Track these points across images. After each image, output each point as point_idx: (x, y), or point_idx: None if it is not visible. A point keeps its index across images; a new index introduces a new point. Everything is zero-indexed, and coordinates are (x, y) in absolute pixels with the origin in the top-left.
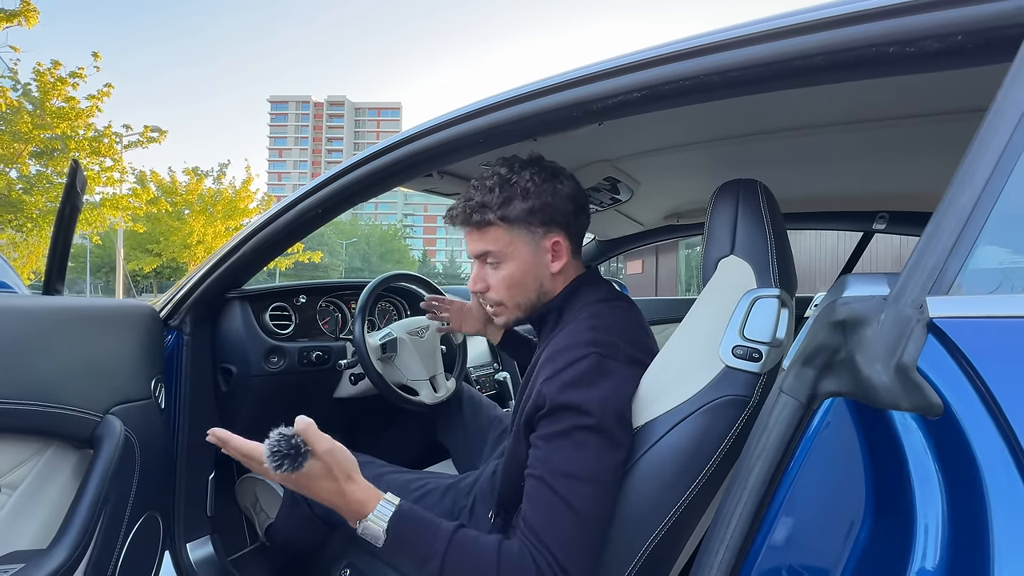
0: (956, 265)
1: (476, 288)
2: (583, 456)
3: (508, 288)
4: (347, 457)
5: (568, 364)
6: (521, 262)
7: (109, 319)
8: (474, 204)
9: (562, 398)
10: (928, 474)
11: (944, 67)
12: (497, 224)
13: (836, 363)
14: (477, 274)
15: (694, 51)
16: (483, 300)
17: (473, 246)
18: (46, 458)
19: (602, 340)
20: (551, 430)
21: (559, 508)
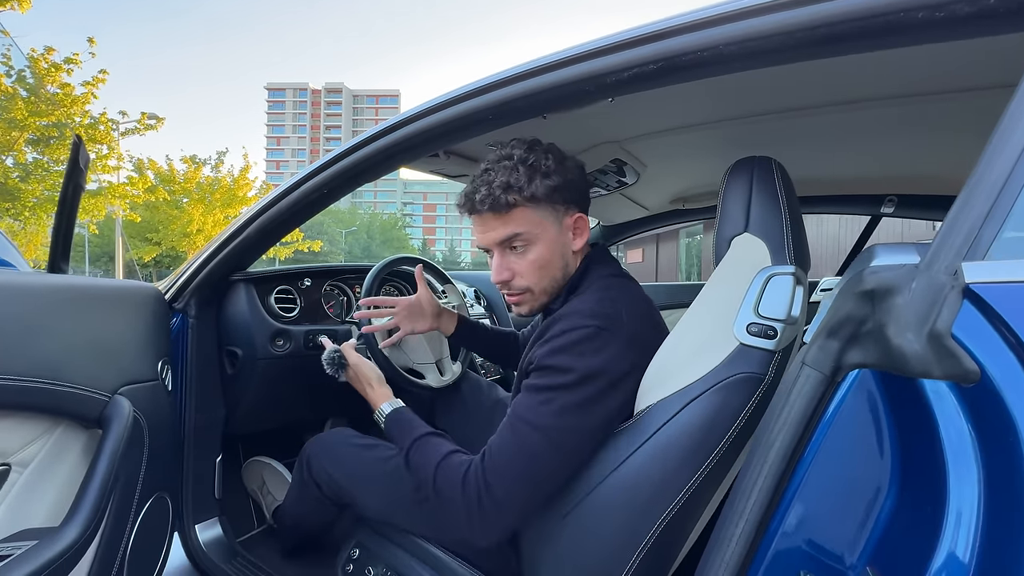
0: (992, 230)
1: (502, 278)
2: (546, 410)
3: (538, 271)
4: (370, 369)
5: (564, 331)
6: (548, 242)
7: (115, 299)
8: (500, 185)
9: (548, 360)
10: (963, 442)
11: (974, 33)
12: (524, 205)
13: (863, 334)
14: (500, 263)
15: (713, 20)
16: (508, 290)
17: (495, 233)
18: (56, 437)
19: (604, 313)
20: (530, 383)
21: (510, 444)
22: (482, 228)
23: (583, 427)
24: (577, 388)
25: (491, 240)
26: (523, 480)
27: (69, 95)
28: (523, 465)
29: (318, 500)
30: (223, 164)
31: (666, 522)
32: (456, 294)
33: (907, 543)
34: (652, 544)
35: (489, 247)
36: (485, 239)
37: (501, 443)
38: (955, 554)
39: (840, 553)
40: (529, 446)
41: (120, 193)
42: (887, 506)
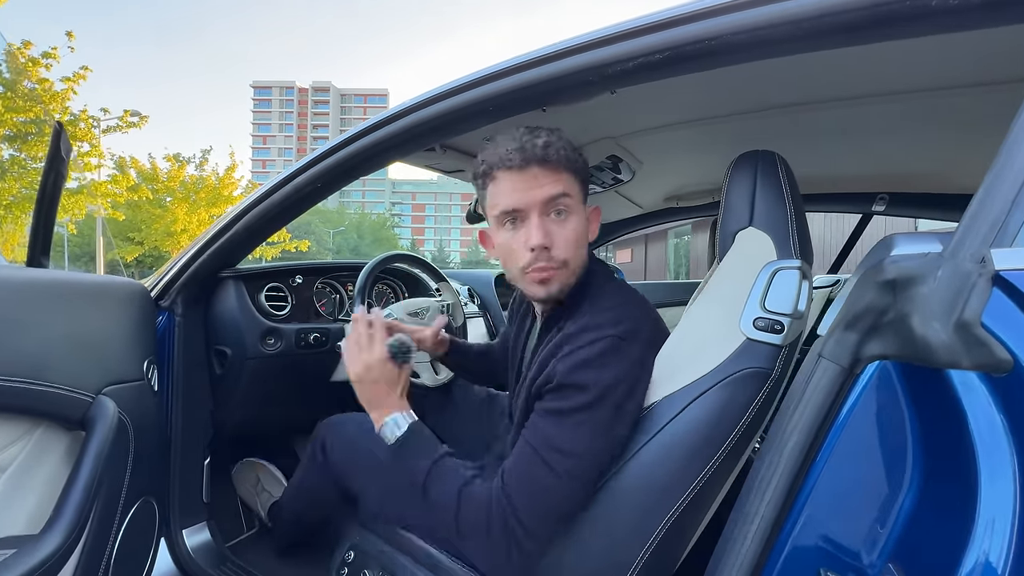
0: (1019, 217)
1: (543, 241)
2: (576, 436)
3: (575, 244)
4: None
5: (585, 344)
6: (581, 219)
7: (98, 295)
8: (562, 140)
9: (571, 377)
10: (995, 435)
11: (987, 22)
12: (569, 171)
13: (884, 324)
14: (542, 226)
15: (721, 8)
16: (544, 261)
17: (542, 190)
18: (35, 439)
19: (623, 318)
20: (554, 405)
21: (539, 475)
22: (526, 184)
23: (614, 441)
24: (603, 404)
25: (538, 197)
26: (560, 512)
27: (48, 91)
28: (560, 498)
29: (322, 486)
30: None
31: (674, 518)
32: (450, 292)
33: (933, 540)
34: (659, 541)
35: (529, 207)
36: (528, 197)
37: (531, 474)
38: (987, 551)
39: (859, 550)
40: (562, 477)
41: (102, 192)
42: (909, 501)
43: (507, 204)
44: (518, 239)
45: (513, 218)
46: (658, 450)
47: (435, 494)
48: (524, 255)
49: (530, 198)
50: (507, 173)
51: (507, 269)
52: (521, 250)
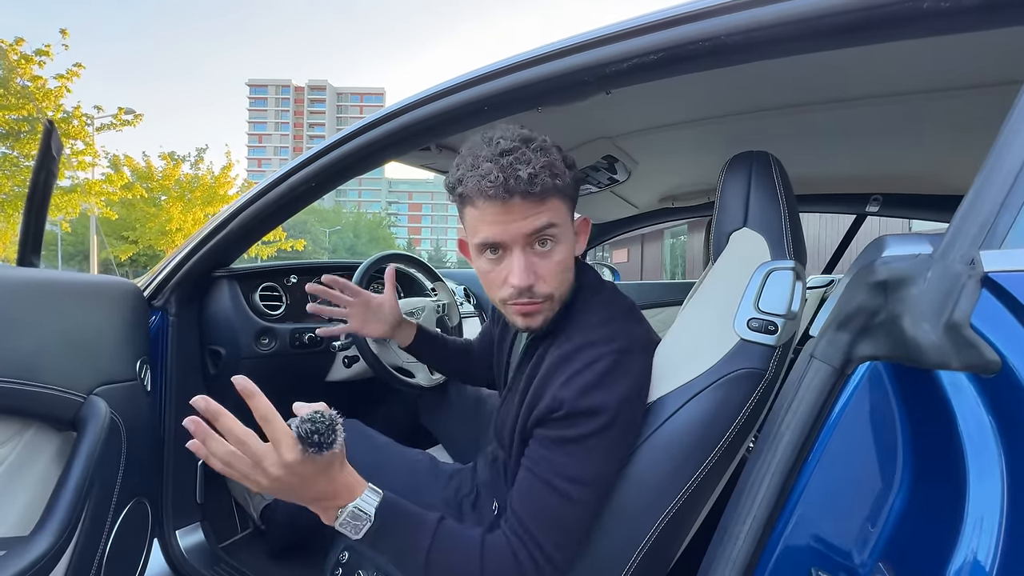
0: (1008, 219)
1: (528, 281)
2: (592, 462)
3: (561, 274)
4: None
5: (586, 365)
6: (568, 243)
7: (90, 294)
8: (545, 166)
9: (582, 403)
10: (983, 436)
11: (980, 25)
12: (557, 196)
13: (875, 325)
14: (525, 263)
15: (716, 9)
16: (528, 297)
17: (527, 223)
18: (25, 440)
19: (618, 333)
20: (564, 434)
21: (557, 505)
22: (506, 217)
23: (623, 455)
24: (616, 425)
25: (520, 231)
26: (582, 536)
27: (41, 88)
28: (582, 524)
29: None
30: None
31: (668, 519)
32: (446, 292)
33: (923, 539)
34: (653, 542)
35: (510, 242)
36: (509, 231)
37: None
38: (976, 550)
39: (850, 550)
40: (582, 505)
41: (96, 190)
42: (899, 501)
43: (487, 236)
44: (500, 271)
45: (494, 248)
46: (652, 451)
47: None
48: (507, 288)
49: (513, 232)
50: (487, 203)
51: (488, 294)
52: (503, 283)
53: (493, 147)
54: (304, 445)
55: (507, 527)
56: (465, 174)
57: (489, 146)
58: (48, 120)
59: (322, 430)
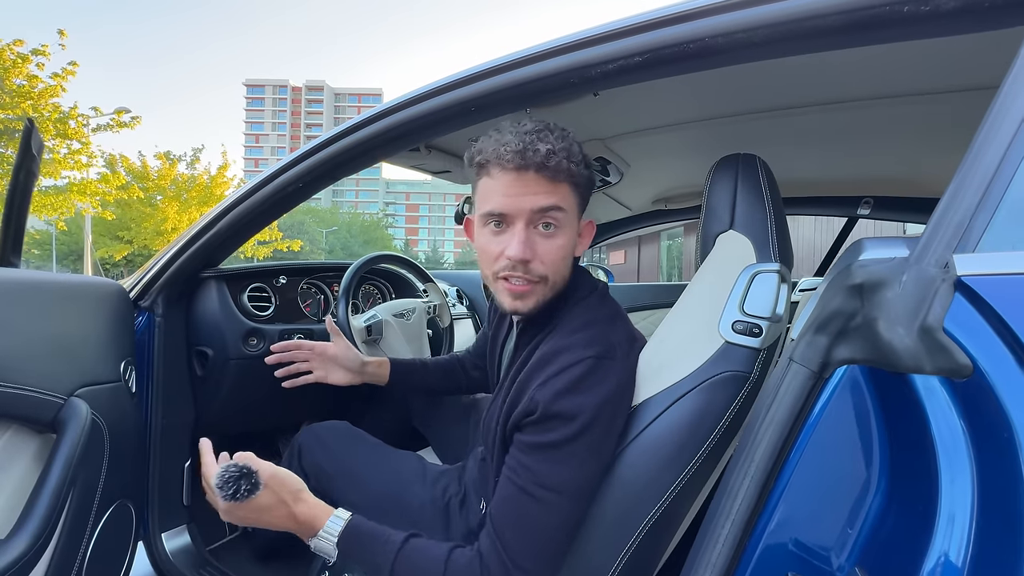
0: (983, 222)
1: (525, 255)
2: (568, 469)
3: (559, 260)
4: (292, 478)
5: (563, 369)
6: (571, 234)
7: (72, 295)
8: (564, 149)
9: (555, 407)
10: (955, 439)
11: (960, 29)
12: (568, 182)
13: (851, 329)
14: (526, 238)
15: (700, 12)
16: (523, 272)
17: (537, 198)
18: (3, 443)
19: (597, 339)
20: (539, 440)
21: (532, 513)
22: (519, 189)
23: (604, 460)
24: (591, 430)
25: (529, 205)
26: (558, 545)
27: (35, 87)
28: (552, 535)
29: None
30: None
31: (652, 522)
32: (437, 293)
33: (897, 542)
34: (638, 544)
35: (516, 215)
36: (517, 204)
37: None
38: (947, 553)
39: (828, 554)
40: (559, 513)
41: (91, 191)
42: (876, 505)
43: (495, 206)
44: (499, 243)
45: (498, 220)
46: (637, 454)
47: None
48: (502, 261)
49: (519, 205)
50: (502, 172)
51: (482, 269)
52: (500, 255)
53: (519, 125)
54: (222, 495)
55: (483, 533)
56: (486, 144)
57: (516, 124)
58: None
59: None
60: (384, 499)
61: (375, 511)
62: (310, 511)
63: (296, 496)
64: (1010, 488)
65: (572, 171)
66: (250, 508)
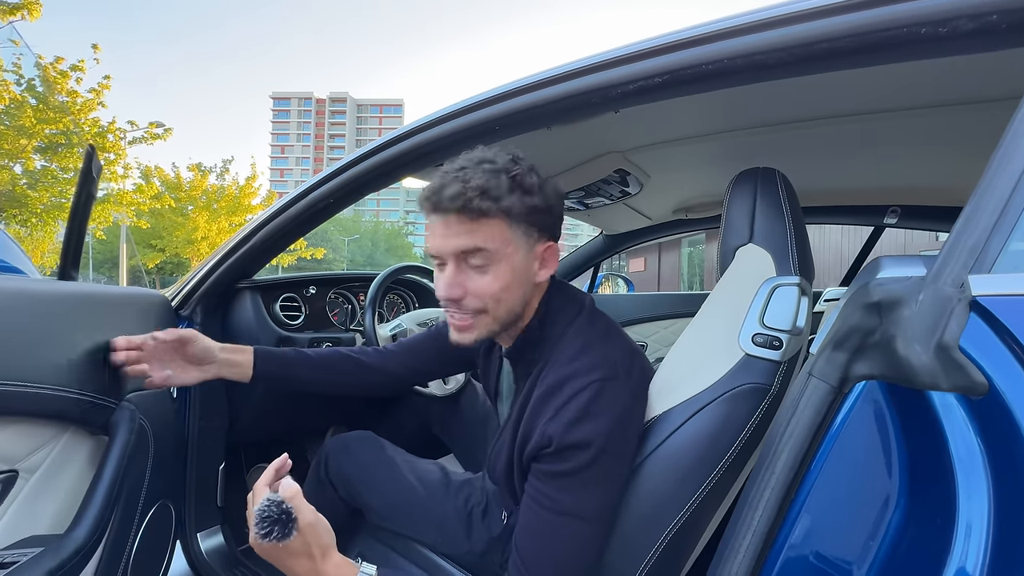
0: (998, 243)
1: (452, 295)
2: (589, 495)
3: (497, 294)
4: (327, 532)
5: (569, 399)
6: (512, 266)
7: (123, 306)
8: (477, 188)
9: (568, 438)
10: (971, 455)
11: (977, 49)
12: (497, 216)
13: (870, 345)
14: (454, 277)
15: (717, 35)
16: (457, 309)
17: (457, 240)
18: (62, 444)
19: (598, 362)
20: (557, 468)
21: (555, 542)
22: (443, 231)
23: (621, 481)
24: (607, 454)
25: (450, 248)
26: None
27: (76, 102)
28: (574, 560)
29: (331, 501)
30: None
31: (672, 534)
32: None
33: (916, 557)
34: (660, 554)
35: (443, 256)
36: (442, 245)
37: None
38: (964, 568)
39: (848, 566)
40: (583, 537)
41: (127, 201)
42: (895, 519)
43: (429, 247)
44: (439, 279)
45: (437, 259)
46: (658, 465)
47: None
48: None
49: (445, 247)
50: (430, 215)
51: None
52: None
53: (452, 162)
54: (256, 530)
55: (511, 564)
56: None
57: (453, 160)
58: (90, 145)
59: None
60: (410, 507)
61: (402, 518)
62: (336, 570)
63: (325, 552)
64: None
65: (498, 207)
66: (278, 548)
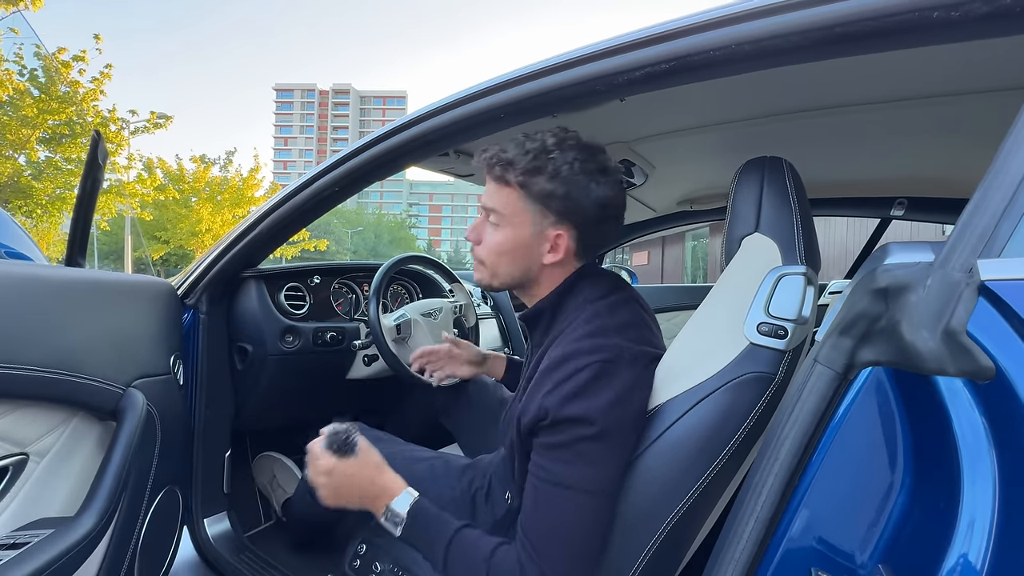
0: (1008, 229)
1: (469, 237)
2: (585, 468)
3: (495, 253)
4: (376, 453)
5: (569, 375)
6: (517, 236)
7: (130, 293)
8: (503, 158)
9: (564, 411)
10: (978, 439)
11: (990, 33)
12: (514, 187)
13: (876, 331)
14: (479, 224)
15: (725, 20)
16: (472, 251)
17: (485, 197)
18: (71, 428)
19: (603, 345)
20: (553, 440)
21: (557, 520)
22: (485, 186)
23: (621, 461)
24: (602, 433)
25: (482, 201)
26: (583, 553)
27: (78, 93)
28: (577, 534)
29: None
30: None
31: (675, 521)
32: (463, 293)
33: (920, 542)
34: (661, 543)
35: (480, 205)
36: (482, 198)
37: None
38: (967, 553)
39: (852, 551)
40: (582, 511)
41: (131, 192)
42: (899, 504)
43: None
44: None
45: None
46: (661, 453)
47: (461, 567)
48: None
49: (483, 200)
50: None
51: None
52: None
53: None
54: (329, 443)
55: (517, 539)
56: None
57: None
58: (96, 131)
59: (338, 438)
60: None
61: None
62: (389, 482)
63: (379, 467)
64: None
65: (507, 179)
66: (342, 472)
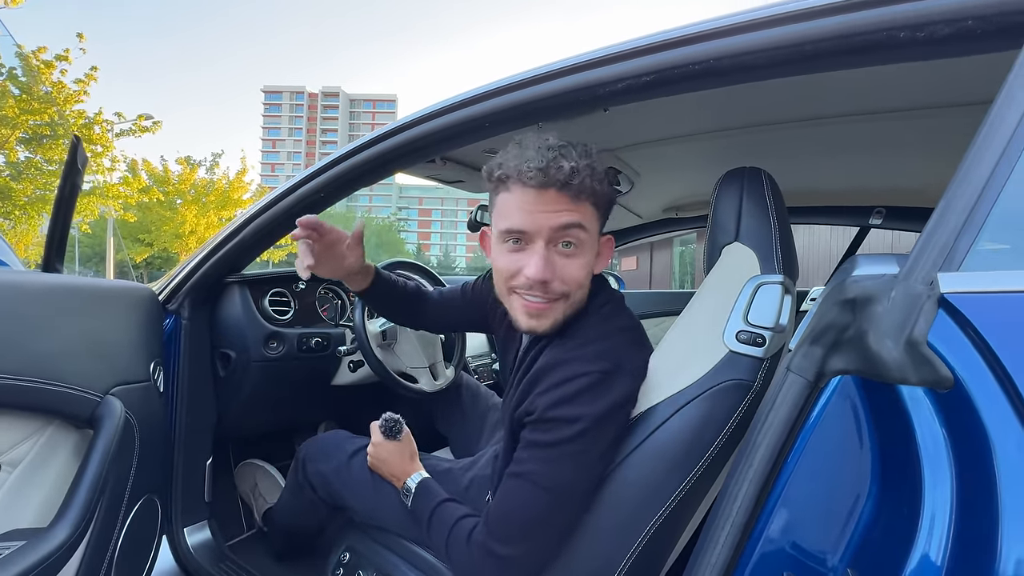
0: (967, 242)
1: (544, 276)
2: (560, 469)
3: (579, 279)
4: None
5: (566, 380)
6: (590, 253)
7: (109, 299)
8: (586, 168)
9: (551, 412)
10: (937, 446)
11: (953, 53)
12: (591, 200)
13: (845, 341)
14: (546, 258)
15: (704, 35)
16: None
17: (559, 216)
18: (46, 437)
19: (607, 355)
20: (536, 438)
21: (519, 505)
22: (541, 206)
23: (596, 470)
24: (588, 437)
25: (550, 223)
26: (535, 541)
27: (61, 93)
28: (536, 528)
29: (311, 502)
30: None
31: (655, 527)
32: None
33: (885, 545)
34: (642, 549)
35: (536, 233)
36: (540, 220)
37: (505, 504)
38: (928, 555)
39: (822, 555)
40: (540, 508)
41: (114, 194)
42: (867, 509)
43: (515, 223)
44: (517, 261)
45: (517, 238)
46: (643, 458)
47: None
48: (519, 279)
49: (540, 223)
50: (522, 188)
51: (496, 283)
52: (517, 273)
53: (542, 140)
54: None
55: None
56: (507, 159)
57: (538, 139)
58: (75, 135)
59: (389, 424)
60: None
61: (383, 515)
62: (414, 467)
63: (412, 455)
64: (986, 492)
65: (595, 189)
66: (384, 449)
